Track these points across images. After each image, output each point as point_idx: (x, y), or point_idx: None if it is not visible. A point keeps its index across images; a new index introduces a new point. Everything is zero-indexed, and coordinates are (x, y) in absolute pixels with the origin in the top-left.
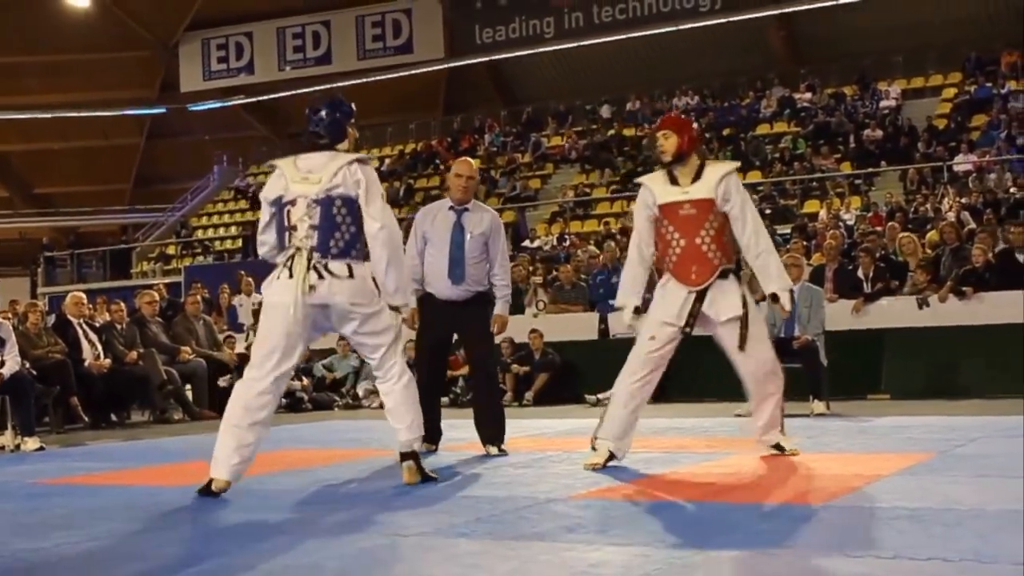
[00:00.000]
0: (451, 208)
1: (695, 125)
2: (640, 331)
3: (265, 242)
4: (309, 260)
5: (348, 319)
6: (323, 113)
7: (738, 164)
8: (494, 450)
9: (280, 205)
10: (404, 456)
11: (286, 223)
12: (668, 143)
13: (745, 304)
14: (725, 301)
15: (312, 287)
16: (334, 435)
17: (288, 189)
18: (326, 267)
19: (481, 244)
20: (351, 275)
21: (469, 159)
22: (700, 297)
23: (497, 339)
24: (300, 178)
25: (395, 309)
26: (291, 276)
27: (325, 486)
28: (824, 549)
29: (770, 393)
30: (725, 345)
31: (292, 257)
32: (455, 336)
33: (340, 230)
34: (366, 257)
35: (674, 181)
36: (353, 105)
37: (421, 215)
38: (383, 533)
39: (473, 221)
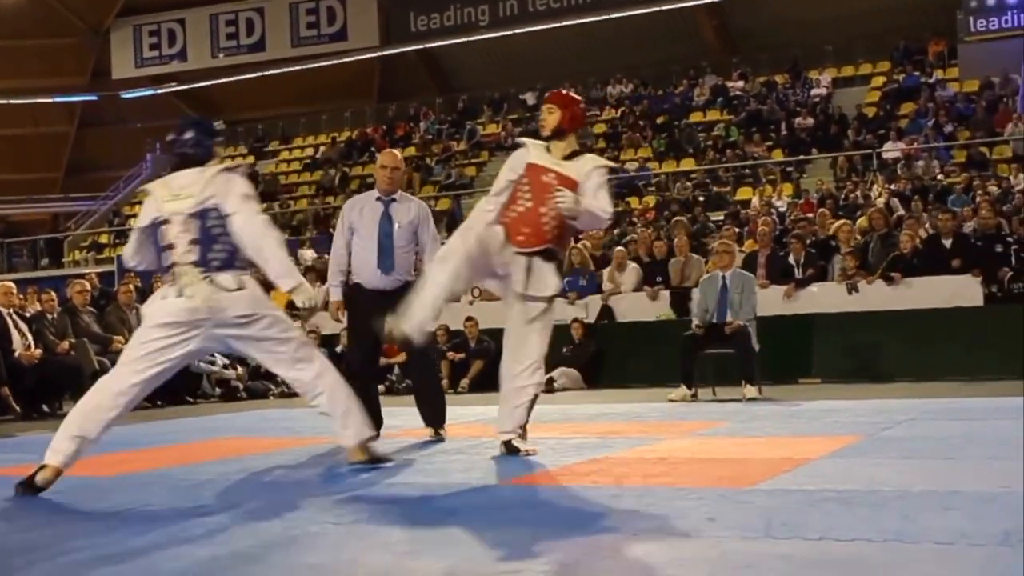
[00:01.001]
0: (378, 199)
1: (582, 107)
2: None
3: (139, 265)
4: (196, 274)
5: (251, 323)
6: (190, 134)
7: (613, 164)
8: (433, 432)
9: (155, 226)
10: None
11: (162, 242)
12: (551, 118)
13: (555, 293)
14: (539, 278)
15: (204, 300)
16: (268, 424)
17: (161, 209)
18: (212, 281)
19: (410, 233)
20: (241, 287)
21: (394, 151)
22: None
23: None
24: (171, 196)
25: (296, 311)
26: (179, 295)
27: (256, 474)
28: (750, 532)
29: (527, 387)
30: (515, 320)
31: (175, 275)
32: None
33: (219, 242)
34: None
35: (550, 153)
36: (218, 124)
37: (348, 206)
38: (315, 520)
39: (401, 211)
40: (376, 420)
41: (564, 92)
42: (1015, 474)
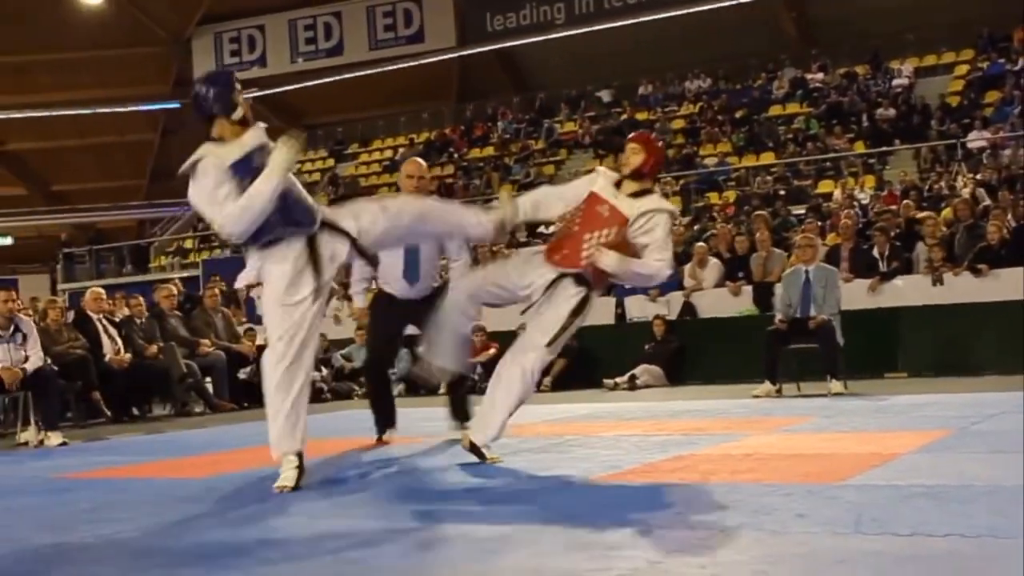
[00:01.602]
0: None
1: (664, 154)
2: None
3: None
4: None
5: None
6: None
7: (675, 209)
8: (460, 429)
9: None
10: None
11: None
12: (635, 158)
13: (575, 313)
14: (564, 296)
15: None
16: (353, 424)
17: None
18: None
19: (436, 245)
20: None
21: (418, 159)
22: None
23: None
24: None
25: None
26: None
27: (344, 473)
28: (841, 528)
29: (514, 395)
30: (529, 328)
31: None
32: (407, 329)
33: None
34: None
35: (618, 186)
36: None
37: None
38: (401, 520)
39: None
40: (391, 420)
41: (650, 136)
42: None
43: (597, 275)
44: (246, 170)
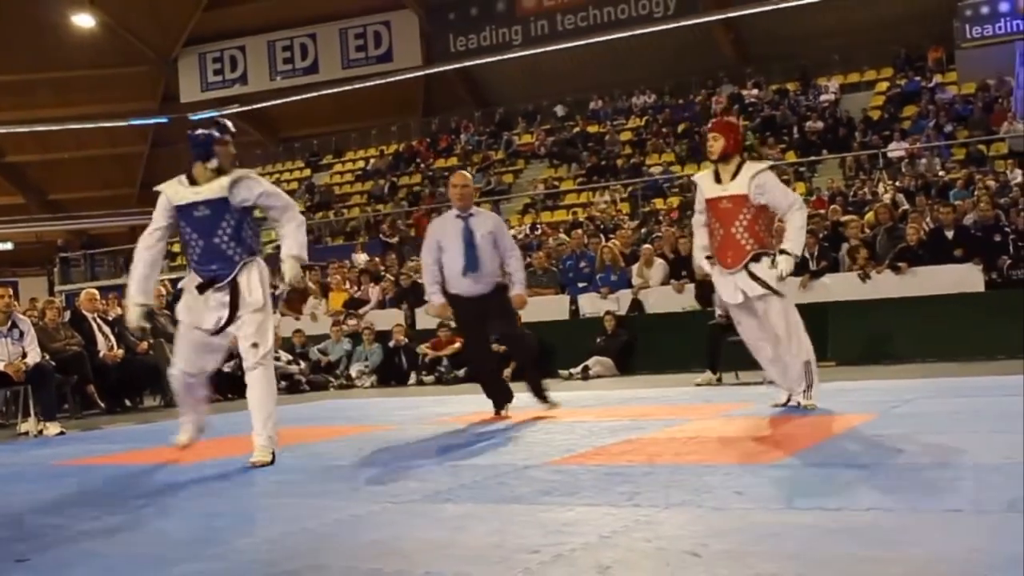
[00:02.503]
0: (457, 216)
1: (740, 128)
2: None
3: None
4: None
5: None
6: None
7: (769, 163)
8: (543, 405)
9: None
10: None
11: None
12: (716, 144)
13: (782, 278)
14: (761, 276)
15: None
16: (329, 413)
17: None
18: None
19: (490, 242)
20: None
21: (463, 172)
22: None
23: None
24: None
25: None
26: None
27: (322, 459)
28: (775, 504)
29: (793, 354)
30: (757, 314)
31: None
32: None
33: None
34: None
35: (718, 178)
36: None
37: (434, 226)
38: (375, 500)
39: (478, 223)
40: (507, 396)
41: (725, 120)
42: (1017, 446)
43: (761, 240)
44: (187, 216)
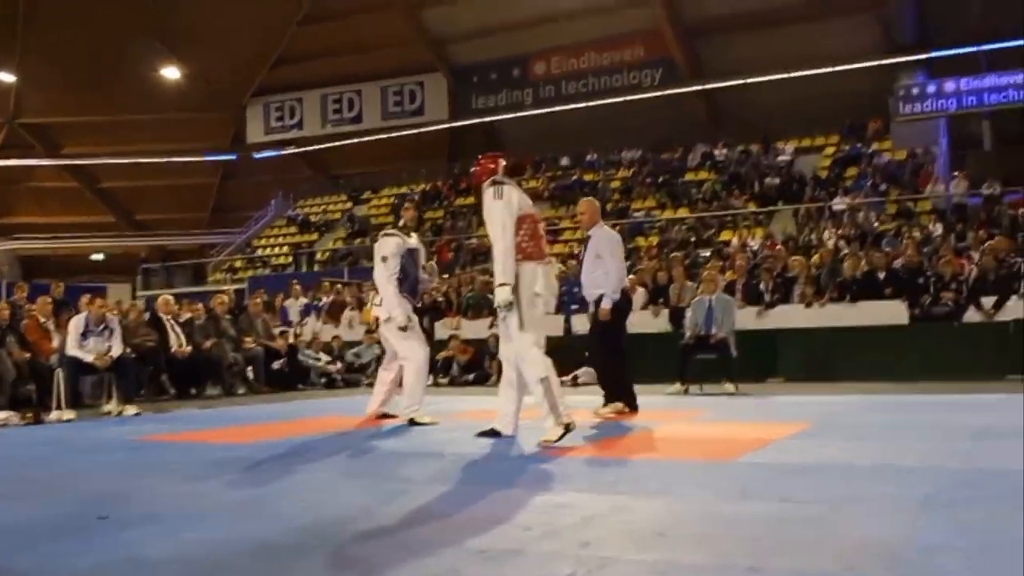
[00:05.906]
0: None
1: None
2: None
3: None
4: None
5: None
6: None
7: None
8: (606, 409)
9: None
10: None
11: None
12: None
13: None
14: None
15: None
16: (362, 405)
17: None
18: None
19: (593, 256)
20: None
21: (588, 199)
22: None
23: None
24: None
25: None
26: None
27: (354, 442)
28: (730, 496)
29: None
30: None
31: None
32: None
33: None
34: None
35: None
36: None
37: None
38: (396, 479)
39: (591, 242)
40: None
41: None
42: (932, 452)
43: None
44: (409, 257)
